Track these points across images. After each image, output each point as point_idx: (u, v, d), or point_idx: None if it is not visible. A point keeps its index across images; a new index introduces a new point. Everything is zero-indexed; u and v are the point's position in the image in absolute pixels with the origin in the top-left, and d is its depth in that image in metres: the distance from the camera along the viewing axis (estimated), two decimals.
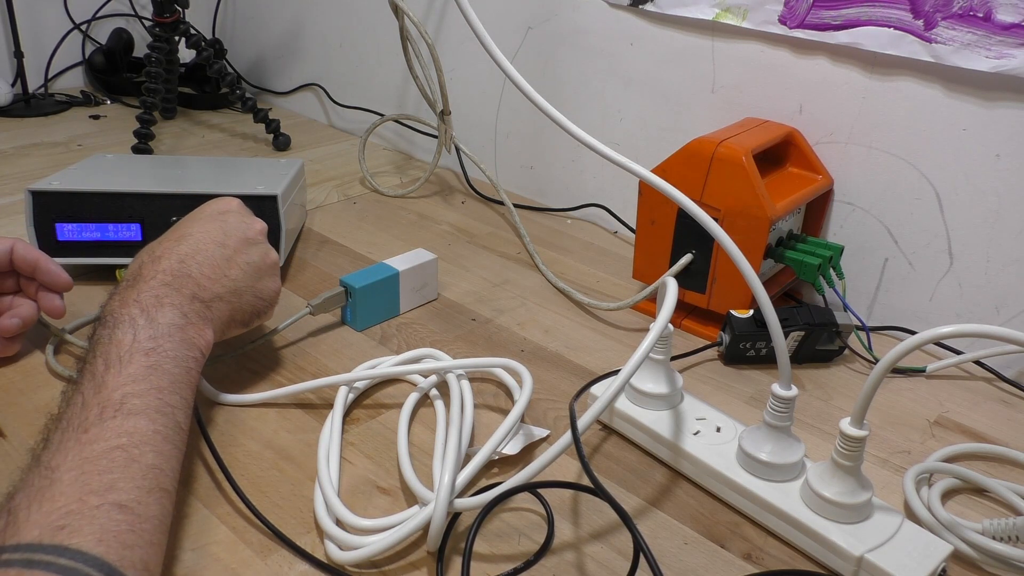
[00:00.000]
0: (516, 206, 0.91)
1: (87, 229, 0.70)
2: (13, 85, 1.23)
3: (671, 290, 0.51)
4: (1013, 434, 0.59)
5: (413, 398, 0.58)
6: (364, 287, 0.67)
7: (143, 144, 1.05)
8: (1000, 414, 0.62)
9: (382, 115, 1.04)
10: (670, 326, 0.54)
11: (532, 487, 0.48)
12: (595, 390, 0.57)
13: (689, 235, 0.69)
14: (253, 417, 0.57)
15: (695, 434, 0.53)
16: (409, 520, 0.45)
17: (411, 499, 0.50)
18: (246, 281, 0.56)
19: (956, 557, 0.48)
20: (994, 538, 0.47)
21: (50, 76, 1.29)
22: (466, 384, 0.58)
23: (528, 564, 0.45)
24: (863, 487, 0.46)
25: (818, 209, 0.74)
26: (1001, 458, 0.56)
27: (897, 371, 0.66)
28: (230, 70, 1.22)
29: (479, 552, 0.46)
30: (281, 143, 1.12)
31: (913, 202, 0.70)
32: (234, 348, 0.63)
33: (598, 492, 0.45)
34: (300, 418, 0.57)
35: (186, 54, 1.17)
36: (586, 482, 0.46)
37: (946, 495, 0.52)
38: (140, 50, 1.34)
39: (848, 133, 0.72)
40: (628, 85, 0.86)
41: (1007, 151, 0.64)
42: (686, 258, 0.69)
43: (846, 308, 0.66)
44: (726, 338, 0.65)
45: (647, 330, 0.59)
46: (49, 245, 0.70)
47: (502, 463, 0.53)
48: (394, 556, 0.45)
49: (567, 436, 0.46)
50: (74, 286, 0.61)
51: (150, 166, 0.81)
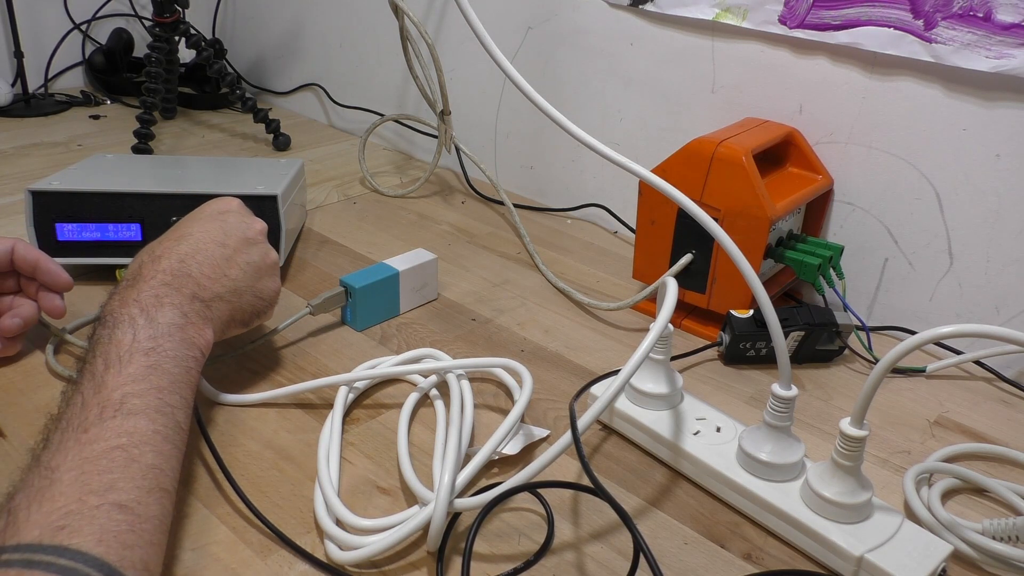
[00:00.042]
0: (516, 206, 0.91)
1: (87, 229, 0.70)
2: (13, 85, 1.23)
3: (671, 290, 0.51)
4: (1013, 434, 0.59)
5: (413, 398, 0.58)
6: (364, 287, 0.67)
7: (143, 144, 1.05)
8: (1000, 414, 0.62)
9: (382, 115, 1.04)
10: (670, 326, 0.54)
11: (532, 487, 0.48)
12: (595, 390, 0.57)
13: (689, 235, 0.69)
14: (253, 417, 0.57)
15: (695, 434, 0.53)
16: (409, 520, 0.45)
17: (411, 499, 0.50)
18: (246, 281, 0.56)
19: (956, 557, 0.48)
20: (994, 538, 0.47)
21: (50, 76, 1.29)
22: (466, 384, 0.58)
23: (528, 564, 0.45)
24: (863, 487, 0.46)
25: (818, 209, 0.74)
26: (1001, 458, 0.56)
27: (897, 371, 0.66)
28: (230, 70, 1.22)
29: (479, 552, 0.46)
30: (281, 143, 1.12)
31: (913, 202, 0.70)
32: (234, 348, 0.63)
33: (598, 492, 0.45)
34: (300, 418, 0.57)
35: (186, 54, 1.17)
36: (586, 482, 0.46)
37: (946, 495, 0.52)
38: (140, 50, 1.34)
39: (848, 133, 0.72)
40: (628, 85, 0.86)
41: (1007, 151, 0.64)
42: (686, 258, 0.69)
43: (846, 308, 0.66)
44: (726, 338, 0.65)
45: (647, 330, 0.59)
46: (49, 245, 0.70)
47: (502, 463, 0.53)
48: (394, 556, 0.45)
49: (567, 436, 0.46)
50: (74, 286, 0.61)
51: (150, 166, 0.81)
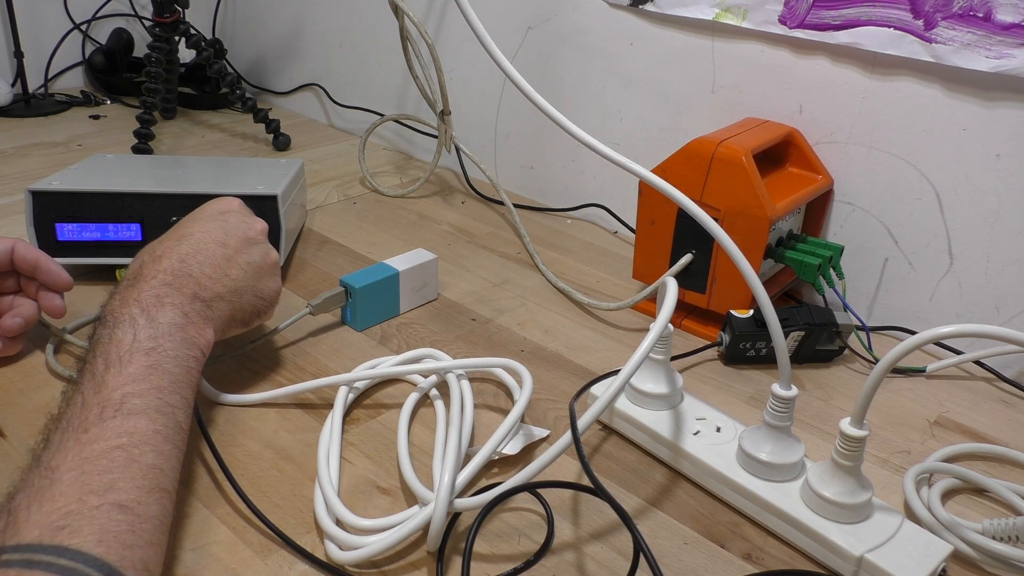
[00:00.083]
0: (516, 206, 0.91)
1: (87, 229, 0.70)
2: (13, 85, 1.23)
3: (671, 290, 0.51)
4: (1013, 434, 0.59)
5: (413, 398, 0.58)
6: (364, 287, 0.67)
7: (143, 144, 1.05)
8: (1000, 414, 0.62)
9: (382, 115, 1.04)
10: (670, 326, 0.54)
11: (532, 487, 0.48)
12: (595, 390, 0.57)
13: (689, 235, 0.69)
14: (253, 417, 0.57)
15: (695, 434, 0.53)
16: (409, 520, 0.45)
17: (411, 499, 0.50)
18: (247, 281, 0.56)
19: (956, 557, 0.48)
20: (994, 538, 0.47)
21: (50, 76, 1.29)
22: (466, 384, 0.58)
23: (528, 564, 0.45)
24: (863, 487, 0.46)
25: (818, 209, 0.74)
26: (1001, 458, 0.56)
27: (897, 371, 0.66)
28: (230, 70, 1.22)
29: (479, 552, 0.46)
30: (281, 143, 1.12)
31: (913, 202, 0.70)
32: (234, 348, 0.63)
33: (598, 492, 0.45)
34: (300, 418, 0.57)
35: (186, 54, 1.17)
36: (586, 482, 0.46)
37: (946, 495, 0.52)
38: (140, 50, 1.34)
39: (848, 133, 0.72)
40: (628, 85, 0.86)
41: (1007, 151, 0.64)
42: (686, 258, 0.69)
43: (846, 308, 0.66)
44: (726, 338, 0.65)
45: (647, 330, 0.59)
46: (49, 245, 0.70)
47: (502, 463, 0.53)
48: (394, 556, 0.45)
49: (567, 436, 0.46)
50: (74, 286, 0.61)
51: (150, 166, 0.81)
